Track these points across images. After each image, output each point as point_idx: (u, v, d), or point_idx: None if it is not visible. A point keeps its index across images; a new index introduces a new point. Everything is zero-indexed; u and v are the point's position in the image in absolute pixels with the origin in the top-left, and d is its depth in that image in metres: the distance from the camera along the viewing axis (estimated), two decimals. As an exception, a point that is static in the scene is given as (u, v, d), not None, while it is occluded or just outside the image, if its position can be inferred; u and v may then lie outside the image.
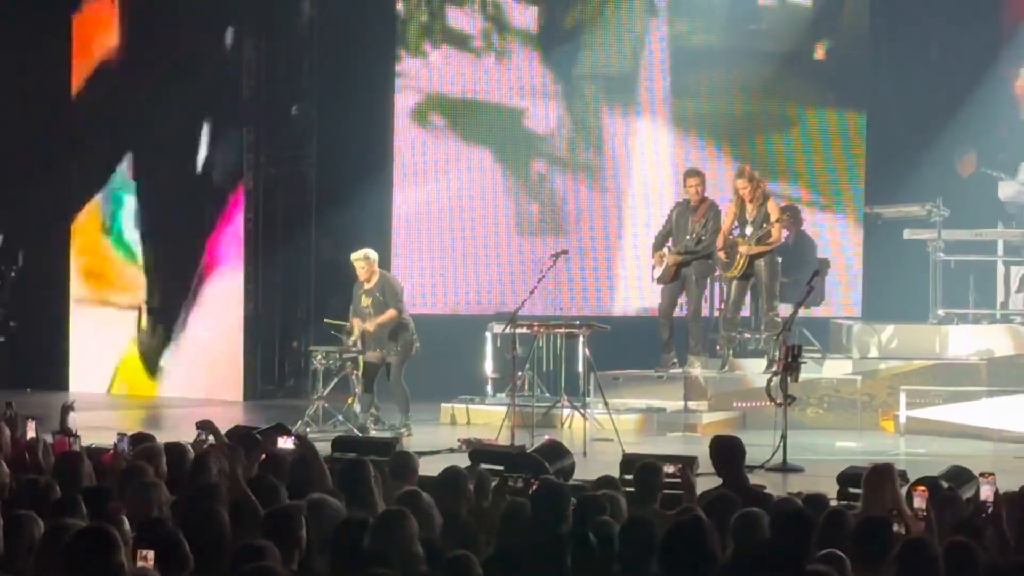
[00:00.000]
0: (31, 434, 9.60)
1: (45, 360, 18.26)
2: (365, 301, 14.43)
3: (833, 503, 8.20)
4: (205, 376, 17.83)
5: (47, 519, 6.50)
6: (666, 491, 8.75)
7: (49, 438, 9.64)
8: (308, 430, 13.30)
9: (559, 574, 6.13)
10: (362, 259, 14.49)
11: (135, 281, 18.38)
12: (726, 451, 9.19)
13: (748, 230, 14.71)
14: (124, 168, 18.40)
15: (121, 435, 9.27)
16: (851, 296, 16.66)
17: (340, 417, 14.25)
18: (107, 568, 5.04)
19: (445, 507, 7.84)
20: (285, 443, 9.31)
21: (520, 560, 6.21)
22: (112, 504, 6.90)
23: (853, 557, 6.61)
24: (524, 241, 17.90)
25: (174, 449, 8.99)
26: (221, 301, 17.79)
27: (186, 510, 7.04)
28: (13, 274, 14.54)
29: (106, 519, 6.51)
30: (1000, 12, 16.72)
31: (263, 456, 9.10)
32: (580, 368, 14.39)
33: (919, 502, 7.59)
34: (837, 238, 16.69)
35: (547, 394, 14.87)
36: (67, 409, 10.12)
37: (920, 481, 8.41)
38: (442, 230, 18.26)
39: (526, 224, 17.93)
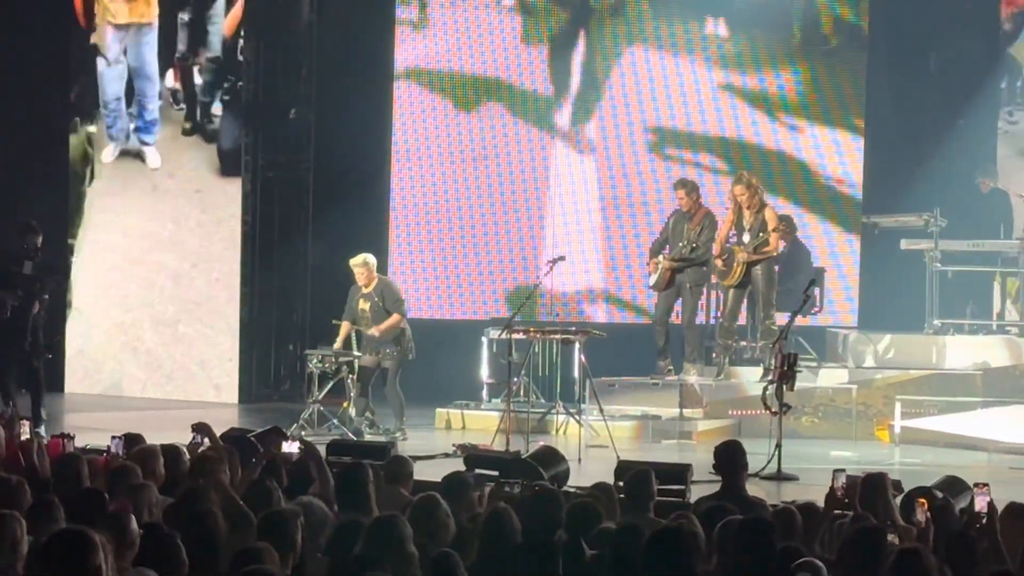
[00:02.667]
0: (25, 435, 9.58)
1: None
2: (363, 305, 14.44)
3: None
4: (201, 378, 17.83)
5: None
6: (659, 499, 8.76)
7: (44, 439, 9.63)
8: (303, 433, 13.29)
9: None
10: (361, 264, 14.49)
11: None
12: (730, 457, 9.20)
13: (745, 238, 14.72)
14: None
15: (114, 437, 9.26)
16: (847, 305, 16.67)
17: (335, 421, 14.25)
18: (84, 570, 5.02)
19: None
20: (290, 447, 9.31)
21: (508, 566, 6.20)
22: (118, 503, 6.88)
23: (846, 567, 6.62)
24: (521, 247, 17.91)
25: (169, 451, 8.99)
26: (217, 303, 17.79)
27: (178, 513, 7.04)
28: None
29: (108, 520, 6.51)
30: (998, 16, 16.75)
31: (265, 460, 9.09)
32: (576, 374, 14.40)
33: (920, 514, 7.61)
34: (834, 247, 16.71)
35: (542, 400, 14.87)
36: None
37: (917, 492, 8.42)
38: (439, 235, 18.27)
39: (524, 230, 17.93)
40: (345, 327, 14.54)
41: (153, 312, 18.13)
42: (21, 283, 14.35)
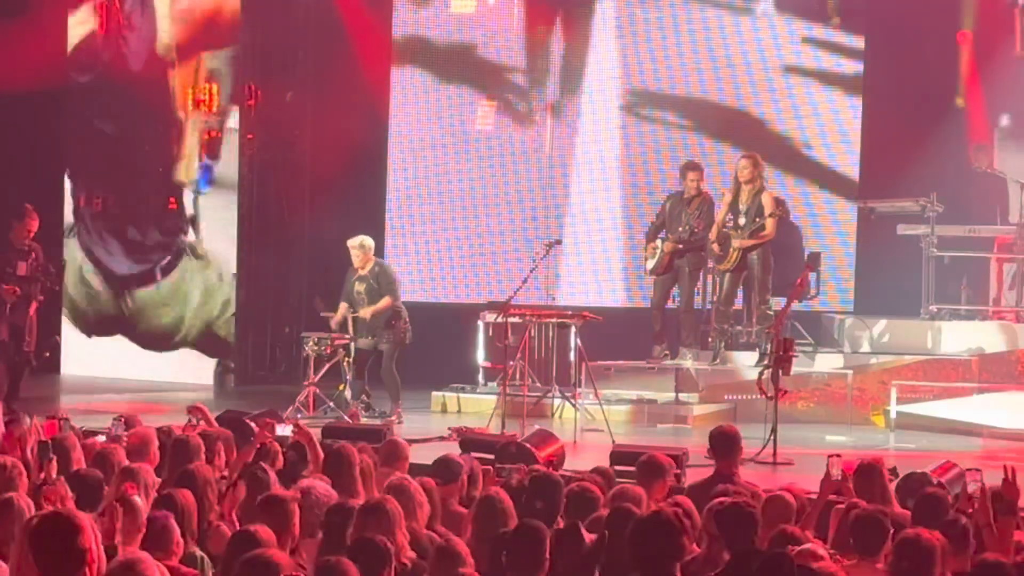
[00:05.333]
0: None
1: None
2: (359, 287, 14.46)
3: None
4: (197, 361, 17.84)
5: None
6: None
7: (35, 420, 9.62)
8: (299, 416, 13.30)
9: (538, 564, 6.10)
10: (358, 246, 14.52)
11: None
12: (724, 442, 9.20)
13: (741, 220, 14.71)
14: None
15: (116, 419, 9.28)
16: (843, 290, 16.67)
17: (331, 404, 14.26)
18: (71, 553, 5.04)
19: (438, 495, 7.88)
20: (283, 429, 9.32)
21: (500, 550, 6.20)
22: (126, 484, 6.89)
23: (849, 550, 6.65)
24: (518, 230, 17.90)
25: (165, 433, 9.00)
26: (215, 285, 17.80)
27: (171, 494, 7.06)
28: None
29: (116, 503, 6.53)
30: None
31: (259, 443, 9.09)
32: (572, 358, 14.40)
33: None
34: (830, 232, 16.70)
35: (538, 384, 14.86)
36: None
37: (913, 477, 8.44)
38: (435, 218, 18.27)
39: (520, 213, 17.93)
40: (342, 308, 14.55)
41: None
42: (18, 284, 14.44)
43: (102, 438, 9.23)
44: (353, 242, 14.56)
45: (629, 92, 17.56)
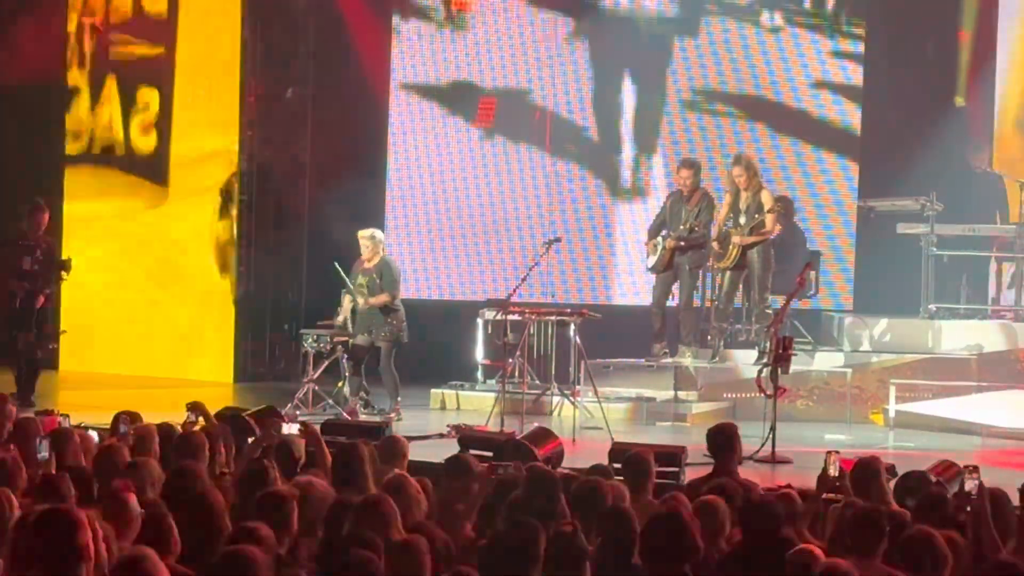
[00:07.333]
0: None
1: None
2: (361, 280, 14.45)
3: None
4: (196, 357, 17.84)
5: None
6: (658, 480, 8.79)
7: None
8: (297, 413, 13.31)
9: (534, 561, 6.11)
10: (368, 238, 14.52)
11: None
12: (723, 440, 9.21)
13: (742, 219, 14.72)
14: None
15: (122, 415, 9.29)
16: (843, 289, 16.68)
17: (330, 400, 14.26)
18: (70, 549, 5.03)
19: (445, 494, 7.89)
20: (289, 428, 9.32)
21: (501, 547, 6.20)
22: (120, 482, 6.91)
23: (847, 549, 6.65)
24: (518, 227, 17.90)
25: (164, 430, 9.01)
26: (213, 282, 17.80)
27: (169, 491, 7.07)
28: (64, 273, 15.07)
29: (108, 498, 6.53)
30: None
31: (266, 442, 9.10)
32: (571, 356, 14.40)
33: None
34: (830, 231, 16.71)
35: (537, 381, 14.87)
36: None
37: (911, 476, 8.44)
38: (436, 215, 18.26)
39: (521, 210, 17.92)
40: (346, 302, 14.54)
41: (149, 290, 18.15)
42: (25, 277, 14.62)
43: (93, 433, 9.23)
44: (364, 233, 14.54)
45: (628, 93, 17.57)
